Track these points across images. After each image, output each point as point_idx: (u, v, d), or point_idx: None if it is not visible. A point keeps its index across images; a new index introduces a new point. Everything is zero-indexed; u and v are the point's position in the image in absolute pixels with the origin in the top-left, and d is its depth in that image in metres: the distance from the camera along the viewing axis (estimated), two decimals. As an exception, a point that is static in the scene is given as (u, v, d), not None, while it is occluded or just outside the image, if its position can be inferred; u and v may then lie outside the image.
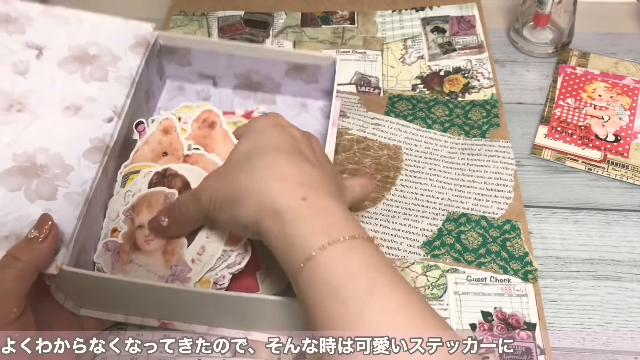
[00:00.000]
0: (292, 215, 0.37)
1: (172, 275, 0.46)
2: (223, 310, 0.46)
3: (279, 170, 0.39)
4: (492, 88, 0.67)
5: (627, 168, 0.60)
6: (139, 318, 0.49)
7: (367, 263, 0.35)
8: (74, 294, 0.48)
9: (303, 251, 0.36)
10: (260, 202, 0.38)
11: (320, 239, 0.36)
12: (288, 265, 0.38)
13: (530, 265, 0.53)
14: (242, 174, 0.40)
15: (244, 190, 0.39)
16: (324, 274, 0.35)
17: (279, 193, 0.38)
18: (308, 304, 0.36)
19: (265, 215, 0.38)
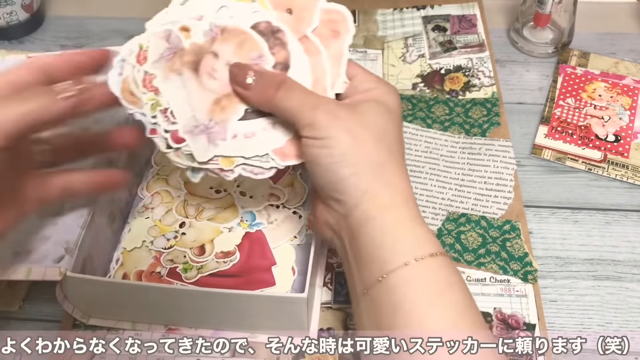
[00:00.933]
0: (386, 223, 0.37)
1: (204, 127, 0.41)
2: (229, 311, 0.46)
3: (394, 175, 0.39)
4: (492, 86, 0.67)
5: (628, 168, 0.60)
6: (146, 325, 0.49)
7: (444, 285, 0.36)
8: (81, 303, 0.48)
9: (383, 265, 0.36)
10: (371, 191, 0.37)
11: (405, 255, 0.36)
12: (362, 271, 0.37)
13: (530, 266, 0.53)
14: (370, 149, 0.38)
15: (368, 167, 0.38)
16: (398, 294, 0.35)
17: (385, 196, 0.38)
18: (374, 314, 0.36)
19: (366, 204, 0.37)
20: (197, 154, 0.41)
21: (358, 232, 0.38)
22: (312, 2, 0.42)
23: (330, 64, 0.42)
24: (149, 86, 0.41)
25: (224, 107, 0.41)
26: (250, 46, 0.41)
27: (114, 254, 0.52)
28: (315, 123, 0.38)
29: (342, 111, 0.39)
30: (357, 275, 0.38)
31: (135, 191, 0.57)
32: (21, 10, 0.73)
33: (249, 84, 0.40)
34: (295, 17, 0.42)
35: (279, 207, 0.55)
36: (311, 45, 0.42)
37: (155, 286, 0.47)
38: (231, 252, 0.52)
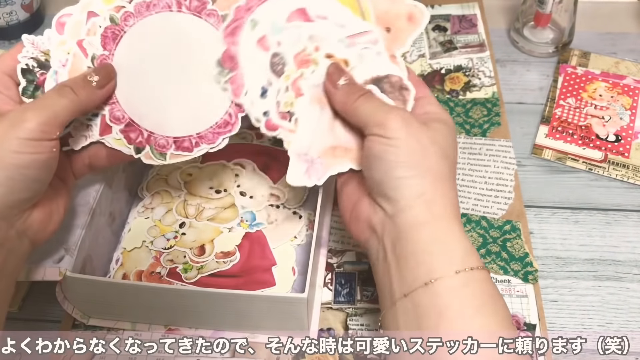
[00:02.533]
0: (438, 231, 0.38)
1: (310, 159, 0.44)
2: (229, 312, 0.46)
3: (451, 190, 0.40)
4: (493, 86, 0.67)
5: (628, 168, 0.60)
6: (146, 325, 0.49)
7: (488, 297, 0.36)
8: (81, 303, 0.48)
9: (431, 271, 0.36)
10: (426, 196, 0.38)
11: (455, 264, 0.36)
12: (404, 274, 0.38)
13: (530, 266, 0.52)
14: (435, 161, 0.39)
15: (430, 175, 0.39)
16: (444, 300, 0.36)
17: (440, 206, 0.38)
18: (415, 317, 0.36)
19: (419, 207, 0.38)
20: (291, 174, 0.44)
21: (406, 234, 0.38)
22: (411, 28, 0.45)
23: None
24: (295, 87, 0.44)
25: (336, 155, 0.44)
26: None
27: (114, 254, 0.52)
28: (387, 123, 0.39)
29: (415, 122, 0.40)
30: (396, 278, 0.38)
31: (135, 191, 0.57)
32: (21, 10, 0.73)
33: (340, 85, 0.43)
34: (392, 36, 0.45)
35: (279, 207, 0.55)
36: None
37: (155, 286, 0.47)
38: (231, 252, 0.52)
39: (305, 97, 0.44)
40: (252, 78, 0.44)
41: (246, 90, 0.44)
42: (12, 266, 0.40)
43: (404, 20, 0.45)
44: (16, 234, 0.39)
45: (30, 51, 0.43)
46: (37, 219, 0.41)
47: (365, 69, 0.44)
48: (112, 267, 0.52)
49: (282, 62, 0.44)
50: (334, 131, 0.44)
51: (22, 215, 0.40)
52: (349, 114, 0.42)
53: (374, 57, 0.44)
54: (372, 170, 0.40)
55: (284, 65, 0.44)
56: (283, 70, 0.44)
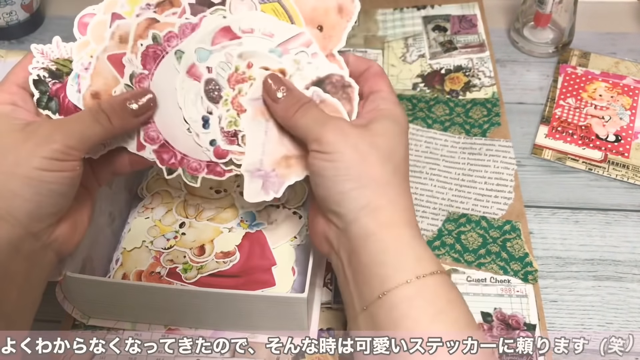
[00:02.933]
0: (387, 240, 0.37)
1: (264, 173, 0.43)
2: (229, 312, 0.46)
3: (397, 194, 0.39)
4: (493, 86, 0.67)
5: (628, 168, 0.60)
6: (146, 325, 0.49)
7: (445, 302, 0.36)
8: (81, 303, 0.48)
9: (384, 282, 0.36)
10: (371, 206, 0.38)
11: (407, 273, 0.36)
12: (360, 287, 0.37)
13: (530, 266, 0.52)
14: (376, 168, 0.38)
15: (372, 184, 0.38)
16: (399, 310, 0.35)
17: (387, 214, 0.38)
18: (373, 331, 0.36)
19: (365, 219, 0.37)
20: (247, 192, 0.43)
21: (357, 248, 0.38)
22: (343, 22, 0.43)
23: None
24: (236, 104, 0.43)
25: (290, 164, 0.43)
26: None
27: (114, 254, 0.52)
28: (323, 138, 0.38)
29: (352, 130, 0.39)
30: (355, 292, 0.38)
31: (135, 191, 0.57)
32: (21, 10, 0.73)
33: (279, 98, 0.41)
34: (325, 35, 0.43)
35: (279, 207, 0.55)
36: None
37: (155, 286, 0.47)
38: (231, 252, 0.52)
39: (248, 112, 0.43)
40: (191, 110, 0.43)
41: (188, 126, 0.43)
42: (37, 278, 0.40)
43: (335, 15, 0.42)
44: (42, 247, 0.40)
45: (41, 61, 0.42)
46: (62, 231, 0.41)
47: (304, 74, 0.42)
48: (112, 267, 0.52)
49: (218, 88, 0.42)
50: (283, 141, 0.43)
51: (48, 229, 0.40)
52: (290, 127, 0.41)
53: (311, 60, 0.42)
54: (316, 186, 0.40)
55: (220, 90, 0.43)
56: (220, 96, 0.43)
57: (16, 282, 0.38)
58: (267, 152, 0.43)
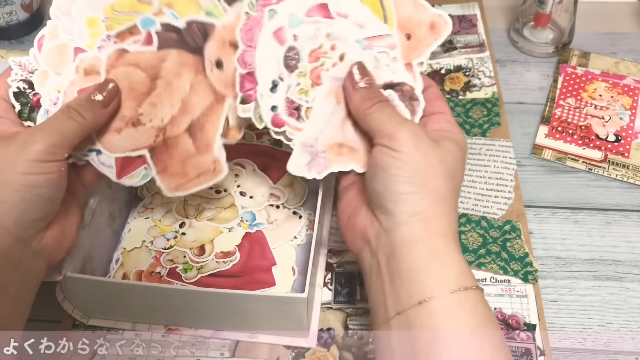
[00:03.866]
0: (434, 249, 0.37)
1: (315, 152, 0.43)
2: (229, 312, 0.46)
3: (451, 210, 0.39)
4: (493, 86, 0.67)
5: (628, 168, 0.60)
6: (146, 325, 0.49)
7: (483, 318, 0.36)
8: (81, 303, 0.48)
9: (425, 289, 0.36)
10: (425, 214, 0.38)
11: (451, 284, 0.36)
12: (398, 291, 0.37)
13: (530, 266, 0.52)
14: (439, 181, 0.38)
15: (432, 193, 0.38)
16: (440, 319, 0.35)
17: (439, 225, 0.38)
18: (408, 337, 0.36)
19: (416, 224, 0.37)
20: (292, 163, 0.43)
21: (400, 251, 0.37)
22: (431, 38, 0.44)
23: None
24: (315, 75, 0.43)
25: (341, 152, 0.43)
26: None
27: (114, 254, 0.52)
28: (397, 136, 0.39)
29: (425, 138, 0.39)
30: (390, 295, 0.37)
31: (135, 191, 0.57)
32: (21, 10, 0.73)
33: (360, 87, 0.42)
34: (411, 44, 0.43)
35: (279, 207, 0.55)
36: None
37: (155, 286, 0.47)
38: (231, 252, 0.52)
39: (324, 88, 0.43)
40: (264, 70, 0.43)
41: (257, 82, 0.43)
42: (29, 288, 0.40)
43: (426, 29, 0.43)
44: (32, 255, 0.39)
45: (19, 73, 0.43)
46: (51, 238, 0.41)
47: (379, 74, 0.43)
48: (112, 267, 0.52)
49: (297, 58, 0.42)
50: (344, 128, 0.43)
51: (37, 236, 0.40)
52: (362, 118, 0.41)
53: (389, 63, 0.43)
54: (375, 180, 0.39)
55: (298, 61, 0.43)
56: (297, 66, 0.43)
57: (9, 292, 0.38)
58: (326, 132, 0.43)
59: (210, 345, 0.48)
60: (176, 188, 0.44)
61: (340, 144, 0.43)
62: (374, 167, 0.40)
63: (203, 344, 0.48)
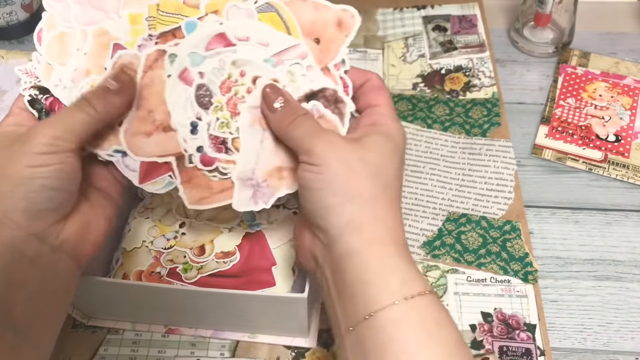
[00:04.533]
0: (372, 259, 0.36)
1: (256, 183, 0.43)
2: (229, 312, 0.46)
3: (385, 211, 0.38)
4: (493, 86, 0.67)
5: (628, 168, 0.60)
6: (146, 325, 0.49)
7: (433, 324, 0.35)
8: (81, 303, 0.48)
9: (369, 303, 0.35)
10: (355, 223, 0.37)
11: (393, 294, 0.35)
12: (346, 306, 0.36)
13: (530, 266, 0.52)
14: (363, 184, 0.37)
15: (357, 199, 0.37)
16: (386, 334, 0.34)
17: (372, 232, 0.37)
18: (360, 353, 0.35)
19: (349, 235, 0.36)
20: (236, 201, 0.42)
21: (341, 265, 0.37)
22: (342, 37, 0.42)
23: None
24: (231, 106, 0.42)
25: (282, 176, 0.42)
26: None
27: (114, 254, 0.52)
28: (312, 149, 0.37)
29: (343, 143, 0.38)
30: (340, 311, 0.37)
31: (135, 191, 0.57)
32: (21, 10, 0.73)
33: (275, 108, 0.41)
34: (322, 48, 0.42)
35: (279, 207, 0.55)
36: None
37: (155, 286, 0.47)
38: (231, 252, 0.52)
39: (246, 119, 0.42)
40: (179, 115, 0.42)
41: (175, 130, 0.42)
42: (55, 285, 0.39)
43: (334, 28, 0.42)
44: (50, 250, 0.39)
45: (28, 81, 0.43)
46: (72, 232, 0.40)
47: (297, 86, 0.41)
48: (112, 267, 0.51)
49: (209, 93, 0.42)
50: (278, 152, 0.42)
51: (54, 230, 0.39)
52: (284, 138, 0.40)
53: (305, 73, 0.41)
54: (304, 200, 0.39)
55: (211, 96, 0.42)
56: (211, 102, 0.42)
57: (25, 288, 0.37)
58: (261, 161, 0.42)
59: (210, 345, 0.48)
60: (198, 201, 0.43)
61: (279, 168, 0.42)
62: (301, 187, 0.39)
63: (203, 344, 0.48)
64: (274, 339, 0.48)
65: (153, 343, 0.48)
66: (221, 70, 0.42)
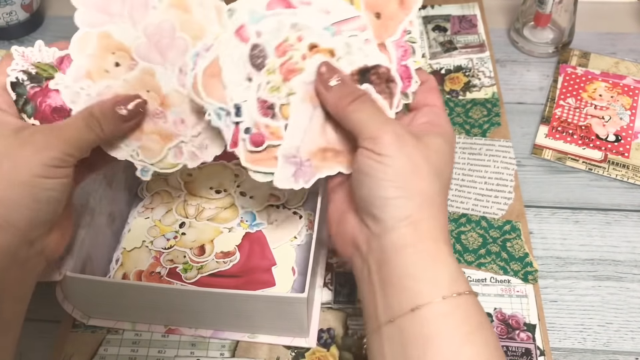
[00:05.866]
0: (424, 254, 0.36)
1: (299, 161, 0.42)
2: (229, 312, 0.46)
3: (439, 211, 0.38)
4: (493, 87, 0.67)
5: (628, 168, 0.60)
6: (146, 325, 0.49)
7: (476, 324, 0.35)
8: (81, 303, 0.48)
9: (417, 296, 0.35)
10: (413, 218, 0.37)
11: (442, 290, 0.35)
12: (389, 298, 0.36)
13: (530, 266, 0.52)
14: (425, 182, 0.38)
15: (418, 196, 0.37)
16: (431, 327, 0.34)
17: (427, 229, 0.37)
18: (400, 345, 0.35)
19: (405, 229, 0.37)
20: (278, 177, 0.42)
21: (390, 257, 0.37)
22: (402, 14, 0.42)
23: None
24: (284, 71, 0.41)
25: (325, 157, 0.42)
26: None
27: (114, 254, 0.52)
28: (379, 138, 0.38)
29: (409, 138, 0.38)
30: (381, 302, 0.37)
31: (135, 191, 0.57)
32: (21, 10, 0.73)
33: (331, 86, 0.40)
34: (382, 23, 0.42)
35: (279, 207, 0.55)
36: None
37: (155, 286, 0.47)
38: (231, 252, 0.52)
39: (298, 95, 0.41)
40: (231, 72, 0.41)
41: (225, 85, 0.41)
42: (29, 286, 0.40)
43: (395, 5, 0.41)
44: (35, 254, 0.39)
45: (20, 64, 0.42)
46: (54, 238, 0.41)
47: (352, 59, 0.41)
48: (112, 267, 0.52)
49: (263, 55, 0.41)
50: (325, 132, 0.42)
51: (45, 236, 0.40)
52: (342, 118, 0.40)
53: (362, 46, 0.41)
54: (360, 186, 0.39)
55: (265, 58, 0.41)
56: (264, 64, 0.41)
57: (12, 290, 0.38)
58: (307, 140, 0.42)
59: (210, 345, 0.48)
60: (254, 161, 0.42)
61: (324, 149, 0.42)
62: (358, 172, 0.39)
63: (203, 344, 0.48)
64: (273, 339, 0.48)
65: (153, 343, 0.48)
66: (279, 32, 0.41)
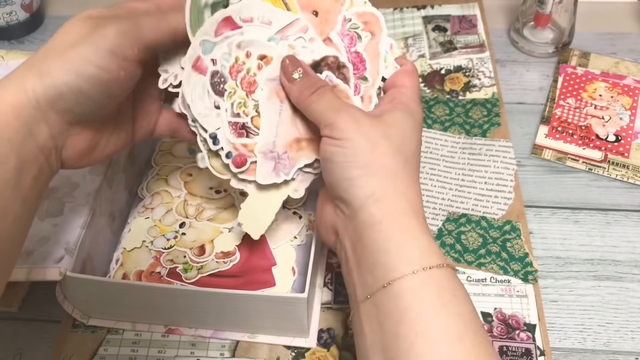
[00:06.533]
0: (393, 229, 0.37)
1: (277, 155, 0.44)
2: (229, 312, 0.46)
3: (406, 184, 0.39)
4: (493, 87, 0.67)
5: (628, 168, 0.60)
6: (146, 325, 0.49)
7: (450, 296, 0.36)
8: (81, 303, 0.48)
9: (388, 272, 0.36)
10: (377, 195, 0.38)
11: (413, 264, 0.36)
12: (364, 276, 0.37)
13: (530, 266, 0.52)
14: (385, 158, 0.38)
15: (380, 172, 0.38)
16: (404, 301, 0.35)
17: (393, 203, 0.38)
18: (376, 320, 0.36)
19: (371, 207, 0.37)
20: (259, 174, 0.43)
21: (362, 236, 0.38)
22: (338, 5, 0.44)
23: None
24: (245, 85, 0.43)
25: (300, 147, 0.44)
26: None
27: (114, 254, 0.52)
28: (335, 124, 0.39)
29: (366, 119, 0.39)
30: (358, 280, 0.38)
31: (135, 191, 0.57)
32: (21, 10, 0.73)
33: (295, 79, 0.42)
34: (320, 20, 0.44)
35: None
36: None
37: (155, 286, 0.47)
38: (231, 252, 0.52)
39: (264, 92, 0.43)
40: (198, 106, 0.43)
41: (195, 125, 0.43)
42: (39, 190, 0.37)
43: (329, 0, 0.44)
44: (54, 147, 0.37)
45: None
46: (77, 143, 0.39)
47: (300, 59, 0.43)
48: (112, 267, 0.52)
49: (223, 80, 0.43)
50: (296, 123, 0.43)
51: (67, 131, 0.38)
52: (304, 110, 0.42)
53: (305, 45, 0.43)
54: (326, 172, 0.40)
55: (225, 83, 0.43)
56: (225, 89, 0.43)
57: (29, 165, 0.36)
58: (280, 133, 0.43)
59: (210, 345, 0.48)
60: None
61: (298, 139, 0.43)
62: (324, 160, 0.40)
63: (203, 344, 0.48)
64: (273, 339, 0.48)
65: (153, 343, 0.48)
66: (230, 55, 0.43)
